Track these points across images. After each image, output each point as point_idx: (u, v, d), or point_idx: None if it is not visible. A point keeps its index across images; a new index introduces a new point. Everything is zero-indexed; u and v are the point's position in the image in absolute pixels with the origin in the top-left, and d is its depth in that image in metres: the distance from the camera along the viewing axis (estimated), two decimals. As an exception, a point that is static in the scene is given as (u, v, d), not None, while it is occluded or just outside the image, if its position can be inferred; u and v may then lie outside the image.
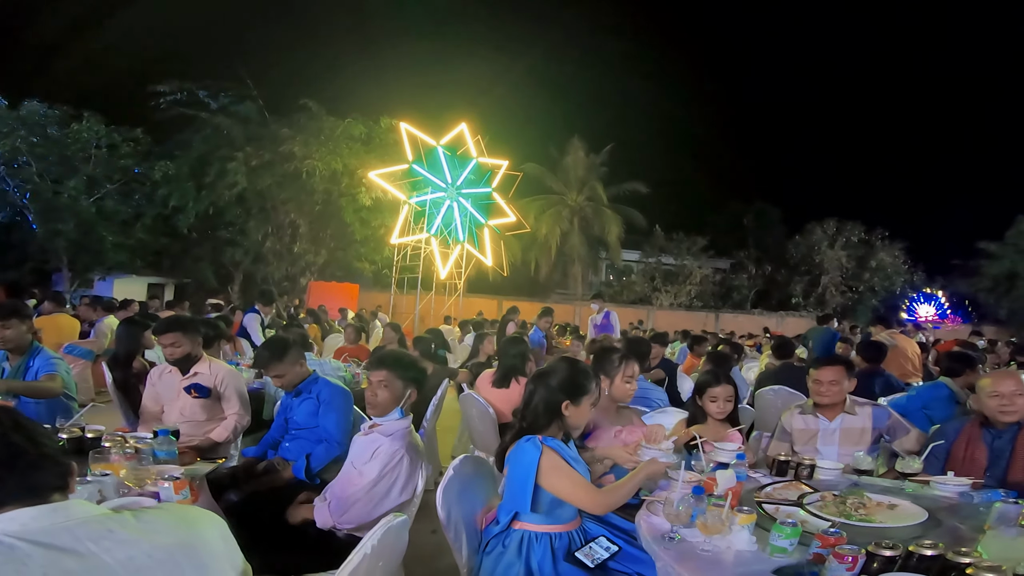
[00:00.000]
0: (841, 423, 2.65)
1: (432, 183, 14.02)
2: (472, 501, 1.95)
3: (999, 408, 2.29)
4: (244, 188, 15.12)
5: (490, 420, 3.34)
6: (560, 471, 1.78)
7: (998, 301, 21.49)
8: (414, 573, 2.51)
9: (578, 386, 1.91)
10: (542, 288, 22.99)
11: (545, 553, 1.76)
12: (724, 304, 23.55)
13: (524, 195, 19.30)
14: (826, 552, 1.38)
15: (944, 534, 1.63)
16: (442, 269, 14.87)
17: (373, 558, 1.35)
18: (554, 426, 1.89)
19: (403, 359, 2.23)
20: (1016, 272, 20.70)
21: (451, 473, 1.86)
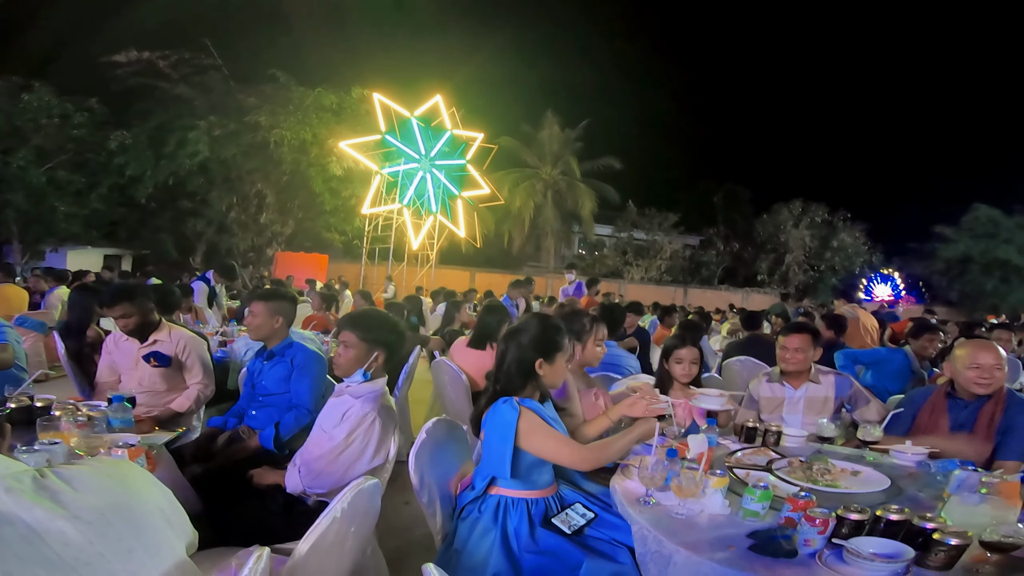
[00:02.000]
0: (806, 392, 2.71)
1: (405, 154, 13.93)
2: (445, 466, 1.90)
3: (976, 379, 2.22)
4: (207, 158, 14.80)
5: (462, 386, 3.28)
6: (540, 431, 1.73)
7: (950, 283, 22.65)
8: (388, 545, 2.48)
9: (551, 342, 1.83)
10: (515, 260, 23.28)
11: (522, 519, 1.72)
12: (693, 279, 24.36)
13: (498, 168, 19.52)
14: (797, 516, 1.40)
15: (906, 501, 1.65)
16: (414, 240, 14.84)
17: (343, 523, 1.30)
18: (529, 386, 1.83)
19: (367, 319, 2.10)
20: (969, 256, 21.70)
21: (423, 436, 1.80)
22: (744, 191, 26.01)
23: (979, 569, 1.25)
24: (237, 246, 16.55)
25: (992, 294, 21.19)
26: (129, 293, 2.79)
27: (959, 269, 22.24)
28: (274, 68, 15.75)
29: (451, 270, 18.99)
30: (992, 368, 2.19)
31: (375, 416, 1.92)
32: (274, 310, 2.64)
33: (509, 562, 1.61)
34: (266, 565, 1.05)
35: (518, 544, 1.66)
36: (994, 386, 2.21)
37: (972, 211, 21.96)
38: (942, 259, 22.53)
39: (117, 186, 15.21)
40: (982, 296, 21.32)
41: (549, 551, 1.63)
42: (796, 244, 24.09)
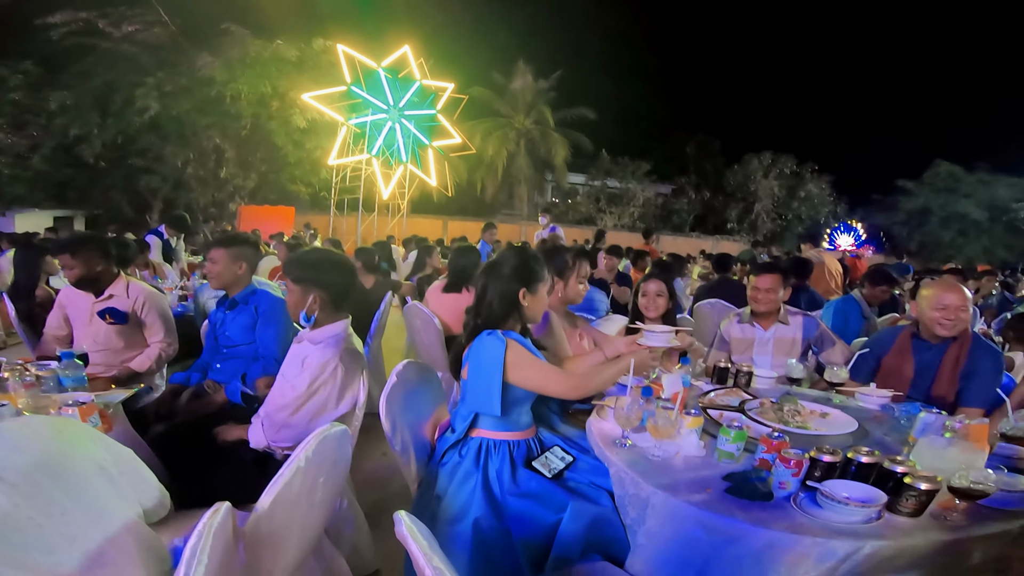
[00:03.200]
0: (775, 333, 2.75)
1: (373, 105, 13.61)
2: (418, 411, 1.83)
3: (940, 320, 2.22)
4: (157, 114, 14.12)
5: (435, 330, 3.21)
6: (529, 362, 1.69)
7: (910, 234, 23.39)
8: (366, 498, 2.46)
9: (532, 272, 1.78)
10: (488, 208, 23.33)
11: (504, 461, 1.68)
12: (665, 226, 24.86)
13: (470, 118, 19.50)
14: (771, 457, 1.40)
15: (872, 444, 1.66)
16: (384, 190, 14.63)
17: (310, 472, 1.23)
18: (512, 319, 1.77)
19: (298, 260, 1.95)
20: (929, 209, 22.48)
21: (394, 380, 1.71)
22: (716, 142, 26.45)
23: (947, 516, 1.26)
24: (196, 201, 16.06)
25: (949, 246, 22.06)
26: (73, 244, 2.59)
27: (919, 221, 23.03)
28: (227, 22, 14.88)
29: (424, 219, 18.97)
30: (957, 309, 2.19)
31: (337, 362, 1.81)
32: (236, 256, 2.47)
33: (491, 506, 1.58)
34: (225, 520, 0.98)
35: (500, 487, 1.63)
36: (958, 327, 2.22)
37: (934, 166, 22.62)
38: (903, 211, 23.28)
39: (62, 147, 14.54)
40: (939, 247, 22.16)
41: (532, 494, 1.60)
42: (765, 194, 24.66)
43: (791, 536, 1.19)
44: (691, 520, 1.30)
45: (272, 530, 1.20)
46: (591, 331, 2.45)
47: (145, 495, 1.10)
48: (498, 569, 1.45)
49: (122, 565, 0.95)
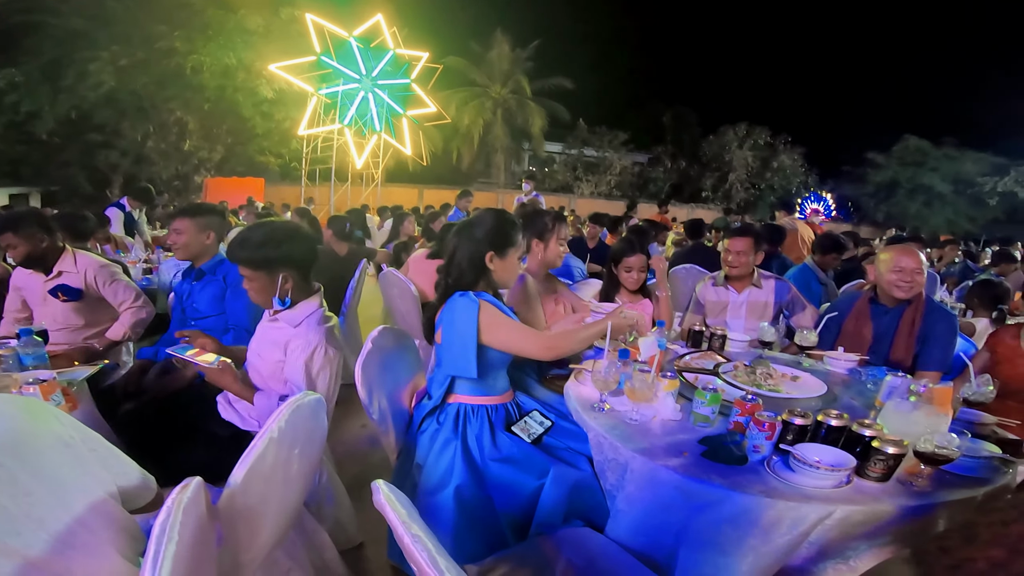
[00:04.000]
0: (748, 296, 2.78)
1: (344, 75, 13.27)
2: (395, 377, 1.79)
3: (897, 282, 2.26)
4: (113, 88, 13.46)
5: (411, 297, 3.16)
6: (502, 322, 1.66)
7: (877, 205, 24.27)
8: (347, 470, 2.45)
9: (504, 236, 1.72)
10: (464, 177, 23.21)
11: (483, 426, 1.66)
12: (641, 194, 25.06)
13: (446, 87, 19.35)
14: (745, 420, 1.41)
15: (840, 407, 1.67)
16: (357, 159, 14.40)
17: (283, 444, 1.19)
18: (482, 282, 1.72)
19: (250, 242, 1.68)
20: (897, 181, 23.31)
21: (369, 346, 1.67)
22: (692, 113, 26.73)
23: (913, 482, 1.27)
24: (159, 175, 15.52)
25: (915, 217, 22.85)
26: (11, 222, 2.42)
27: (886, 193, 23.83)
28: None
29: (399, 188, 18.78)
30: (913, 272, 2.24)
31: (324, 346, 1.69)
32: (203, 225, 2.37)
33: (472, 473, 1.56)
34: (196, 496, 0.94)
35: (480, 453, 1.61)
36: (914, 290, 2.26)
37: (903, 141, 23.33)
38: (872, 183, 24.06)
39: (13, 124, 13.79)
40: (905, 218, 22.88)
41: (513, 458, 1.59)
42: (739, 164, 25.07)
43: (765, 500, 1.20)
44: (669, 485, 1.30)
45: (248, 505, 1.16)
46: (570, 296, 2.44)
47: (122, 476, 1.05)
48: (481, 536, 1.45)
49: (94, 546, 0.91)
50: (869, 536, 1.21)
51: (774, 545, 1.20)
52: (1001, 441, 1.52)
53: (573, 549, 1.30)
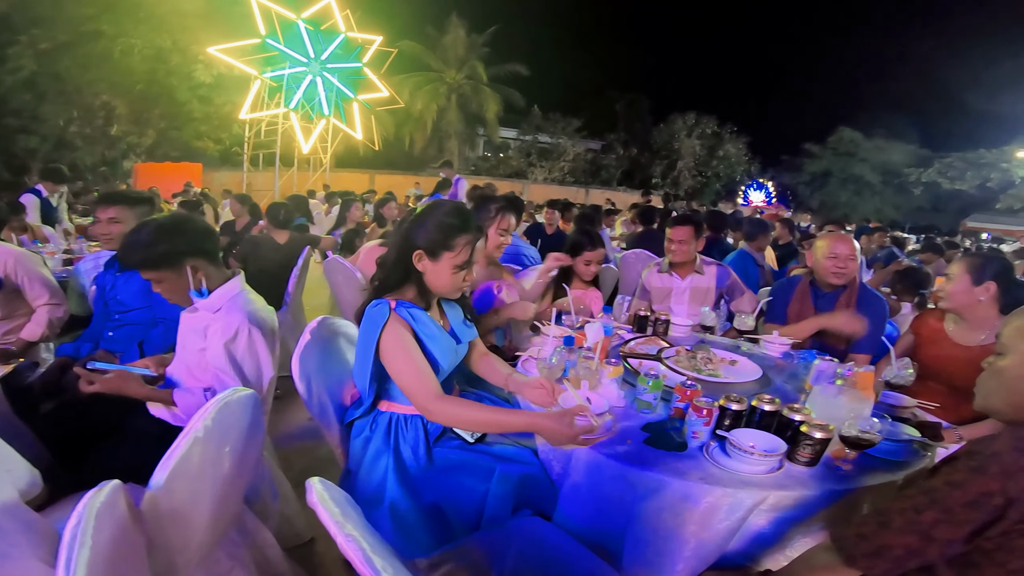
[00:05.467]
0: (691, 282, 2.85)
1: (291, 58, 12.70)
2: (337, 370, 1.69)
3: (832, 268, 2.35)
4: (33, 73, 12.54)
5: (357, 285, 3.06)
6: (400, 352, 1.41)
7: (813, 193, 25.74)
8: (295, 464, 2.37)
9: (441, 235, 1.46)
10: (417, 162, 22.89)
11: (418, 437, 1.50)
12: (594, 181, 25.77)
13: (400, 71, 18.87)
14: (685, 406, 1.43)
15: (774, 391, 1.71)
16: (304, 144, 13.83)
17: (210, 443, 1.13)
18: (410, 287, 1.50)
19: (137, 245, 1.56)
20: (830, 171, 24.86)
21: (308, 338, 1.55)
22: (645, 101, 27.38)
23: (840, 466, 1.29)
24: (82, 161, 14.50)
25: (846, 205, 24.37)
26: None
27: (821, 182, 25.39)
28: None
29: (349, 173, 18.29)
30: (846, 258, 2.34)
31: (248, 327, 1.59)
32: (142, 214, 2.21)
33: (407, 488, 1.41)
34: (112, 499, 0.89)
35: (416, 466, 1.46)
36: (848, 276, 2.37)
37: (837, 132, 24.84)
38: (808, 172, 25.58)
39: None
40: (838, 206, 24.35)
41: (454, 467, 1.46)
42: (688, 152, 25.99)
43: (704, 487, 1.22)
44: (613, 473, 1.30)
45: (175, 507, 1.10)
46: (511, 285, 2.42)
47: (18, 477, 0.98)
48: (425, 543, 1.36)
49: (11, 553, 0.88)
50: (801, 522, 1.24)
51: (713, 531, 1.22)
52: (921, 424, 1.57)
53: (524, 539, 1.28)
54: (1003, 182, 20.77)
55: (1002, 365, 1.03)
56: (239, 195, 5.33)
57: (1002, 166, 20.24)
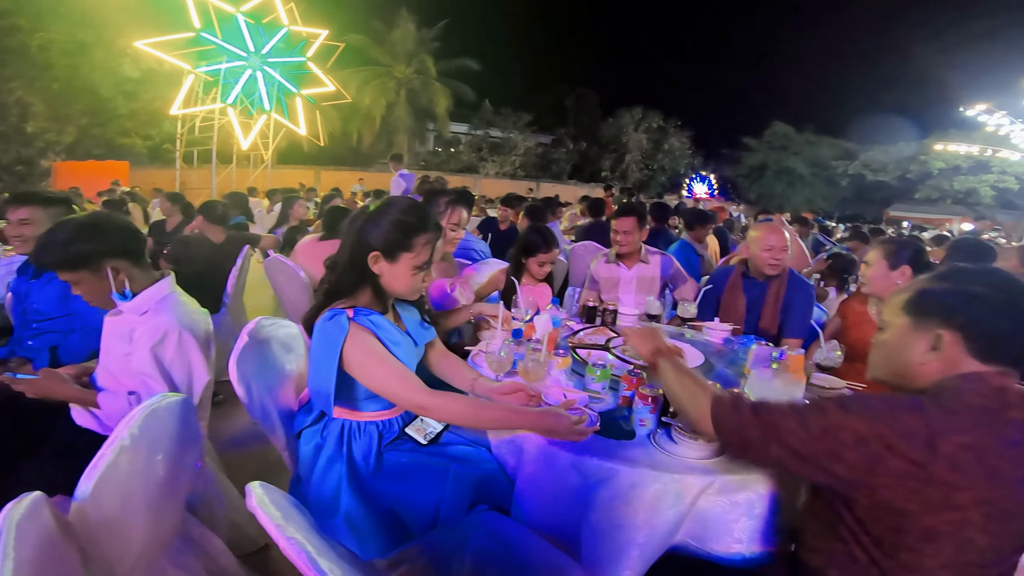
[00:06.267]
0: (637, 272, 2.93)
1: (228, 52, 12.02)
2: (279, 372, 1.63)
3: (768, 260, 2.41)
4: None
5: (301, 284, 2.96)
6: (371, 359, 1.36)
7: (750, 186, 27.07)
8: (245, 469, 2.28)
9: (401, 235, 1.39)
10: (365, 158, 22.52)
11: (370, 444, 1.45)
12: (544, 175, 26.07)
13: (346, 66, 18.35)
14: (632, 394, 1.46)
15: (716, 377, 1.73)
16: (243, 140, 13.17)
17: (140, 451, 1.08)
18: (365, 291, 1.43)
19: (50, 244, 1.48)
20: (766, 164, 26.18)
21: (245, 340, 1.46)
22: (594, 96, 28.03)
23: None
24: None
25: (780, 196, 25.69)
26: None
27: (758, 174, 26.73)
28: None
29: (293, 169, 17.66)
30: (780, 249, 2.42)
31: (178, 329, 1.52)
32: (56, 215, 2.05)
33: (361, 497, 1.36)
34: (33, 511, 0.85)
35: (368, 471, 1.42)
36: (782, 266, 2.47)
37: (772, 127, 26.21)
38: (746, 165, 26.88)
39: None
40: (773, 197, 25.62)
41: (406, 473, 1.41)
42: (635, 146, 26.80)
43: (653, 473, 1.23)
44: (565, 464, 1.31)
45: (107, 517, 1.06)
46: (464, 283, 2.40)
47: None
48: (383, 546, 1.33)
49: None
50: (747, 504, 1.27)
51: (664, 518, 1.24)
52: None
53: (482, 534, 1.27)
54: (921, 174, 22.42)
55: (883, 339, 1.12)
56: (170, 193, 5.02)
57: (920, 159, 21.84)
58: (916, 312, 1.05)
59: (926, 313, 1.04)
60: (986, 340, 0.98)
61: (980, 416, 0.92)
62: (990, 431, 0.91)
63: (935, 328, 1.02)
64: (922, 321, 1.04)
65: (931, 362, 1.02)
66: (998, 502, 0.90)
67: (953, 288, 1.02)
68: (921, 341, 1.03)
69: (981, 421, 0.92)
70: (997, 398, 0.94)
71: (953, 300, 1.01)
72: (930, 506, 0.91)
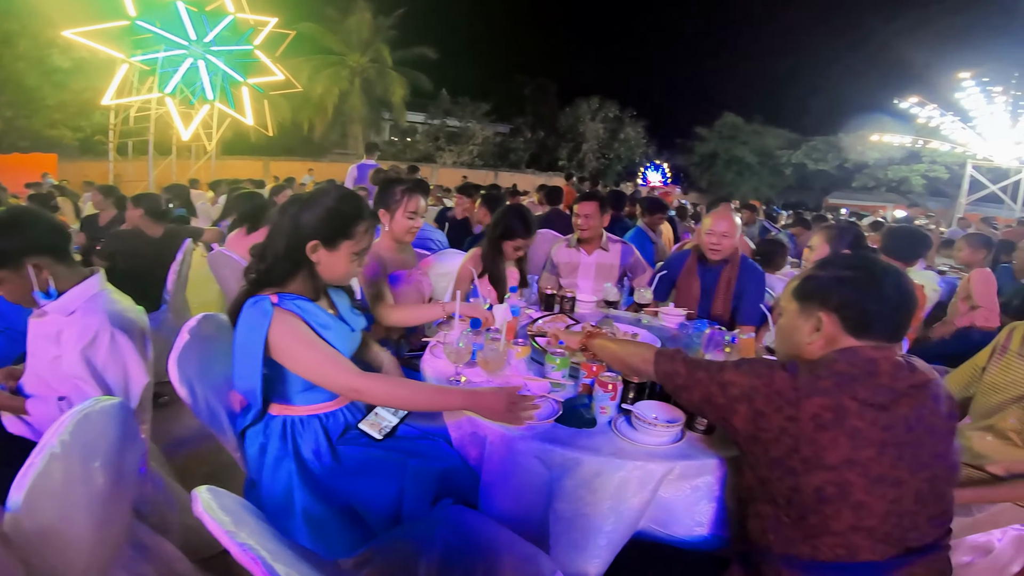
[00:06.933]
0: (596, 258, 2.95)
1: (167, 40, 11.36)
2: (225, 372, 1.53)
3: (709, 245, 2.49)
4: None
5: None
6: (297, 341, 1.31)
7: (702, 175, 27.92)
8: (197, 472, 2.20)
9: (340, 223, 1.37)
10: (318, 148, 21.92)
11: (318, 438, 1.41)
12: (502, 164, 26.03)
13: (297, 54, 17.64)
14: (592, 382, 1.47)
15: None
16: (184, 131, 12.52)
17: (73, 459, 1.03)
18: (299, 279, 1.39)
19: None
20: (716, 153, 27.02)
21: (186, 338, 1.40)
22: (552, 85, 28.20)
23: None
24: None
25: (729, 184, 26.57)
26: None
27: (709, 163, 27.59)
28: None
29: (240, 160, 16.92)
30: (722, 235, 2.47)
31: (110, 329, 1.43)
32: None
33: (316, 494, 1.33)
34: None
35: (321, 467, 1.38)
36: (722, 252, 2.52)
37: (722, 117, 27.00)
38: (697, 154, 27.68)
39: None
40: (722, 185, 26.49)
41: (360, 469, 1.38)
42: (592, 135, 27.14)
43: (616, 461, 1.24)
44: (529, 454, 1.30)
45: (44, 527, 1.01)
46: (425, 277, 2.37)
47: None
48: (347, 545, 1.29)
49: None
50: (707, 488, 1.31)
51: (629, 505, 1.25)
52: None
53: (449, 528, 1.25)
54: (858, 163, 23.63)
55: (780, 323, 1.23)
56: (102, 186, 4.70)
57: (858, 149, 22.96)
58: (801, 298, 1.16)
59: (809, 298, 1.15)
60: (857, 319, 1.08)
61: (841, 380, 1.02)
62: (850, 394, 1.00)
63: (816, 311, 1.12)
64: (806, 305, 1.15)
65: (816, 341, 1.12)
66: (868, 463, 0.99)
67: (829, 274, 1.13)
68: (807, 324, 1.14)
69: (842, 385, 1.01)
70: (864, 367, 1.04)
71: (828, 285, 1.12)
72: (809, 465, 1.00)
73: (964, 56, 17.24)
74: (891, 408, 1.01)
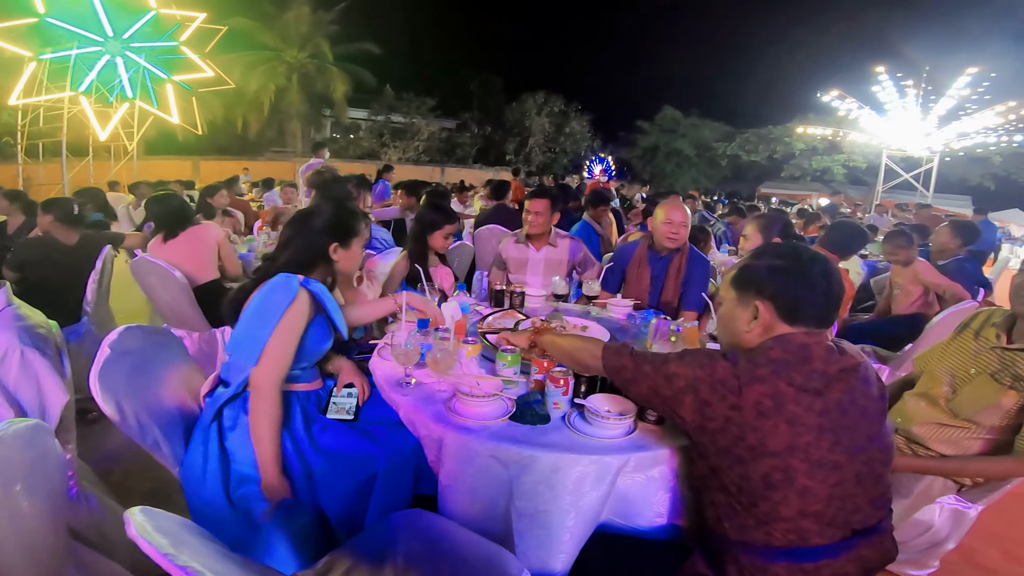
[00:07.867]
0: (545, 254, 2.98)
1: (80, 36, 10.47)
2: (154, 380, 1.48)
3: (667, 234, 2.54)
4: None
5: (178, 284, 2.71)
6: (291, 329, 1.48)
7: (644, 167, 28.72)
8: (139, 487, 2.10)
9: (348, 228, 1.68)
10: (254, 146, 20.94)
11: (295, 416, 1.53)
12: (449, 159, 25.84)
13: (229, 50, 16.54)
14: (543, 377, 1.47)
15: None
16: (101, 131, 11.65)
17: None
18: (320, 269, 1.65)
19: None
20: (657, 146, 27.88)
21: (107, 353, 1.35)
22: (498, 80, 28.29)
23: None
24: None
25: (670, 176, 27.57)
26: None
27: (650, 156, 28.44)
28: None
29: (167, 160, 15.88)
30: (679, 225, 2.56)
31: (19, 347, 1.34)
32: None
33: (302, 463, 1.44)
34: None
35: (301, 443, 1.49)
36: (680, 240, 2.61)
37: (663, 111, 27.84)
38: (640, 147, 28.47)
39: None
40: (664, 177, 27.48)
41: (335, 453, 1.47)
42: (538, 129, 27.35)
43: (572, 456, 1.25)
44: (485, 454, 1.30)
45: None
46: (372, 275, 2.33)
47: None
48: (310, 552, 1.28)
49: None
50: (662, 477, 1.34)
51: (589, 499, 1.26)
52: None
53: (410, 533, 1.24)
54: (786, 154, 24.94)
55: (720, 312, 1.27)
56: (8, 191, 4.28)
57: (785, 140, 24.24)
58: (739, 286, 1.20)
59: (746, 287, 1.18)
60: (789, 306, 1.12)
61: (777, 367, 1.05)
62: (786, 380, 1.04)
63: (753, 300, 1.15)
64: (743, 294, 1.18)
65: (754, 329, 1.15)
66: (808, 449, 1.02)
67: (762, 263, 1.17)
68: (745, 312, 1.17)
69: (778, 371, 1.05)
70: (798, 353, 1.07)
71: (762, 274, 1.16)
72: (755, 452, 1.03)
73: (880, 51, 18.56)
74: (825, 393, 1.04)
